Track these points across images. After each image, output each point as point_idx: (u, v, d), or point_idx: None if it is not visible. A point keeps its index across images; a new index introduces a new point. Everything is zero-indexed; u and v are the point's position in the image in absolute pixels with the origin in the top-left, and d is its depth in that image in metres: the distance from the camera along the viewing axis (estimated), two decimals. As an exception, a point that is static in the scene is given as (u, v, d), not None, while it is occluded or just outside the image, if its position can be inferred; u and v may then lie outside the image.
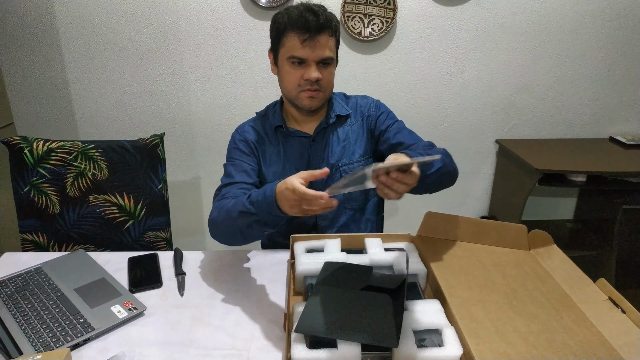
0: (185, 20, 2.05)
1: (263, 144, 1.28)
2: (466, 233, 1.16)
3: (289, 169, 1.26)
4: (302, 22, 1.10)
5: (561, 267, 1.04)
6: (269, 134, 1.29)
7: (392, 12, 2.02)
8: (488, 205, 2.42)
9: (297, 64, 1.15)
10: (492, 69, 2.15)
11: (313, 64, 1.14)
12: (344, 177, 0.86)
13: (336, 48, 1.20)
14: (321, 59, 1.14)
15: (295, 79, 1.16)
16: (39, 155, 1.44)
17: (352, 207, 1.31)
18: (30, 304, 1.01)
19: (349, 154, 1.28)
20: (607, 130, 2.28)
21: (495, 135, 2.28)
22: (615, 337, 0.83)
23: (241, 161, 1.25)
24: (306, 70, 1.14)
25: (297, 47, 1.12)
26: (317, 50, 1.12)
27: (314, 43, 1.11)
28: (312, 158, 1.27)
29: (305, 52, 1.12)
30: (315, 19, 1.10)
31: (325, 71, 1.17)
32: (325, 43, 1.13)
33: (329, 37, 1.13)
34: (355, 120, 1.31)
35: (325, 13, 1.13)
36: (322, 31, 1.11)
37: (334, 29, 1.16)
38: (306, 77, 1.14)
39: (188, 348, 0.89)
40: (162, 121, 2.22)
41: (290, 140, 1.27)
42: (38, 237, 1.47)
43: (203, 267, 1.18)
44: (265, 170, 1.27)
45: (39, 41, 2.07)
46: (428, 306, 0.90)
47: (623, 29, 2.09)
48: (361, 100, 1.35)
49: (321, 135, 1.27)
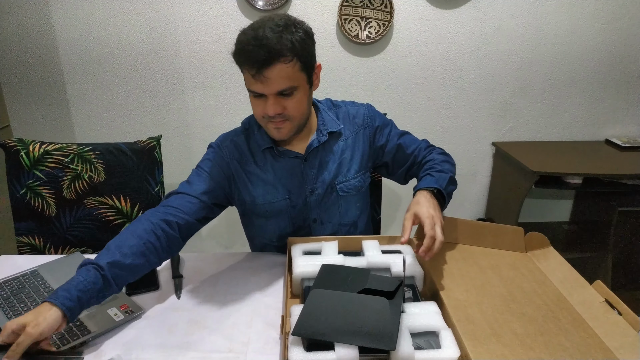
0: (182, 22, 2.05)
1: (246, 164, 1.17)
2: (463, 235, 1.17)
3: (281, 189, 1.18)
4: (247, 57, 0.98)
5: (558, 269, 1.04)
6: (254, 154, 1.18)
7: (388, 15, 2.03)
8: (485, 207, 2.42)
9: (257, 96, 1.04)
10: (488, 71, 2.15)
11: (271, 97, 1.02)
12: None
13: (305, 70, 1.04)
14: (278, 92, 1.01)
15: (258, 110, 1.06)
16: (36, 157, 1.43)
17: (347, 223, 1.26)
18: (26, 307, 1.00)
19: (344, 171, 1.21)
20: (603, 133, 2.29)
21: (491, 138, 2.29)
22: (612, 338, 0.83)
23: (210, 177, 1.14)
24: (265, 104, 1.03)
25: (251, 82, 1.01)
26: (269, 85, 0.99)
27: (263, 78, 0.98)
28: (305, 178, 1.18)
29: (259, 87, 1.01)
30: (261, 51, 0.95)
31: (288, 101, 1.03)
32: (279, 74, 0.98)
33: (284, 66, 0.98)
34: (350, 134, 1.22)
35: (280, 38, 0.97)
36: (272, 63, 0.97)
37: (294, 53, 0.99)
38: (265, 112, 1.04)
39: (185, 351, 0.88)
40: (159, 123, 2.22)
41: (280, 161, 1.17)
42: (34, 240, 1.47)
43: (200, 270, 1.17)
44: (251, 188, 1.18)
45: (35, 43, 2.06)
46: (425, 308, 0.90)
47: (619, 32, 2.10)
48: (352, 109, 1.25)
49: (313, 154, 1.18)
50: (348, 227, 1.26)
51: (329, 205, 1.22)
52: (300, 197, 1.19)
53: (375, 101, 1.36)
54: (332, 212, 1.23)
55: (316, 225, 1.23)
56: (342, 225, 1.25)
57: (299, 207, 1.20)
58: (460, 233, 1.17)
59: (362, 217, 1.30)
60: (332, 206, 1.22)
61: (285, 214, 1.20)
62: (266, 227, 1.23)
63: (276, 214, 1.20)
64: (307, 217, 1.22)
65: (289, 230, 1.22)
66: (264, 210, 1.19)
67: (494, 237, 1.15)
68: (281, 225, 1.21)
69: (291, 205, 1.19)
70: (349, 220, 1.26)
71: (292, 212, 1.20)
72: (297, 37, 0.99)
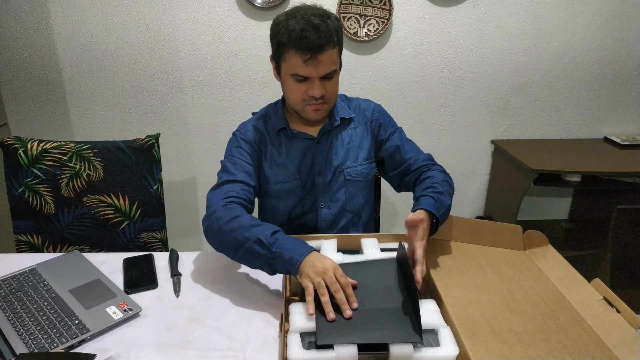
0: (180, 20, 2.04)
1: (265, 145, 1.26)
2: (462, 233, 1.17)
3: (292, 169, 1.25)
4: (303, 43, 1.04)
5: (556, 267, 1.04)
6: (270, 135, 1.26)
7: (387, 12, 2.02)
8: (484, 205, 2.43)
9: (300, 80, 1.11)
10: (487, 69, 2.15)
11: (317, 81, 1.10)
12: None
13: (339, 54, 1.15)
14: (325, 74, 1.10)
15: (299, 93, 1.13)
16: (34, 155, 1.43)
17: (352, 210, 1.30)
18: (24, 306, 1.00)
19: (353, 157, 1.27)
20: (601, 131, 2.29)
21: (490, 136, 2.29)
22: (610, 336, 0.83)
23: (243, 161, 1.21)
24: (310, 87, 1.11)
25: (299, 66, 1.08)
26: (320, 68, 1.08)
27: (317, 62, 1.07)
28: (315, 160, 1.25)
29: (308, 71, 1.08)
30: (316, 36, 1.04)
31: (329, 83, 1.13)
32: (329, 59, 1.09)
33: (332, 51, 1.09)
34: (359, 124, 1.29)
35: (327, 25, 1.06)
36: (324, 48, 1.06)
37: (338, 39, 1.10)
38: (310, 94, 1.12)
39: (184, 349, 0.88)
40: (157, 121, 2.22)
41: (294, 142, 1.25)
42: (32, 238, 1.47)
43: (199, 268, 1.17)
44: (267, 169, 1.25)
45: (33, 40, 2.06)
46: (424, 306, 0.90)
47: (617, 30, 2.10)
48: (363, 103, 1.32)
49: (325, 137, 1.26)
50: (352, 215, 1.31)
51: (335, 189, 1.27)
52: (309, 178, 1.26)
53: (375, 99, 1.36)
54: (339, 196, 1.28)
55: (323, 209, 1.28)
56: (347, 210, 1.30)
57: (307, 187, 1.26)
58: (459, 231, 1.17)
59: (366, 209, 1.35)
60: (338, 190, 1.28)
61: (295, 194, 1.26)
62: (277, 208, 1.29)
63: (287, 194, 1.26)
64: (315, 200, 1.27)
65: (298, 211, 1.28)
66: (276, 190, 1.26)
67: (492, 235, 1.15)
68: (291, 206, 1.27)
69: (301, 185, 1.25)
70: (354, 207, 1.30)
71: (302, 192, 1.26)
72: (337, 25, 1.11)
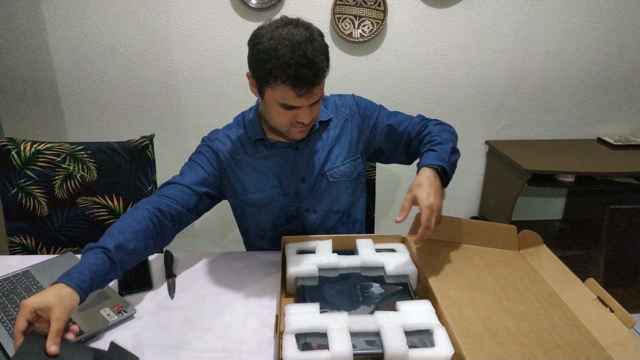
0: (174, 20, 2.04)
1: (237, 154, 1.20)
2: (456, 234, 1.17)
3: (271, 178, 1.20)
4: (300, 81, 0.98)
5: (550, 267, 1.05)
6: (245, 145, 1.21)
7: (382, 13, 2.03)
8: (478, 205, 2.43)
9: (289, 108, 1.05)
10: (481, 70, 2.16)
11: (307, 109, 1.06)
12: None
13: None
14: (314, 102, 1.07)
15: (286, 119, 1.08)
16: (27, 157, 1.42)
17: (339, 210, 1.27)
18: (17, 308, 0.99)
19: (333, 158, 1.23)
20: (595, 131, 2.30)
21: (485, 136, 2.30)
22: (604, 336, 0.83)
23: (200, 166, 1.18)
24: (298, 114, 1.06)
25: (290, 98, 1.02)
26: (312, 98, 1.04)
27: (310, 94, 1.02)
28: (296, 167, 1.20)
29: (300, 102, 1.03)
30: (313, 73, 0.98)
31: (316, 106, 1.10)
32: (320, 88, 1.05)
33: (323, 80, 1.04)
34: (338, 122, 1.25)
35: (320, 56, 1.00)
36: (319, 81, 1.02)
37: (327, 62, 1.04)
38: (299, 120, 1.07)
39: (179, 351, 0.88)
40: (151, 122, 2.21)
41: (272, 151, 1.20)
42: (26, 240, 1.46)
43: (193, 270, 1.17)
44: (244, 178, 1.20)
45: (26, 42, 2.04)
46: (419, 306, 0.90)
47: (611, 31, 2.11)
48: (338, 100, 1.28)
49: (304, 143, 1.21)
50: (340, 215, 1.27)
51: (320, 193, 1.24)
52: (291, 185, 1.21)
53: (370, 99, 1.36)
54: (324, 199, 1.25)
55: (309, 214, 1.24)
56: (333, 212, 1.26)
57: (290, 195, 1.22)
58: (453, 231, 1.17)
59: (356, 206, 1.31)
60: (323, 193, 1.24)
61: (277, 202, 1.21)
62: (259, 217, 1.24)
63: (268, 203, 1.22)
64: (300, 206, 1.23)
65: (282, 219, 1.24)
66: (255, 199, 1.21)
67: (487, 236, 1.16)
68: (274, 214, 1.23)
69: (282, 193, 1.21)
70: (340, 207, 1.27)
71: (284, 200, 1.22)
72: (324, 43, 1.05)
